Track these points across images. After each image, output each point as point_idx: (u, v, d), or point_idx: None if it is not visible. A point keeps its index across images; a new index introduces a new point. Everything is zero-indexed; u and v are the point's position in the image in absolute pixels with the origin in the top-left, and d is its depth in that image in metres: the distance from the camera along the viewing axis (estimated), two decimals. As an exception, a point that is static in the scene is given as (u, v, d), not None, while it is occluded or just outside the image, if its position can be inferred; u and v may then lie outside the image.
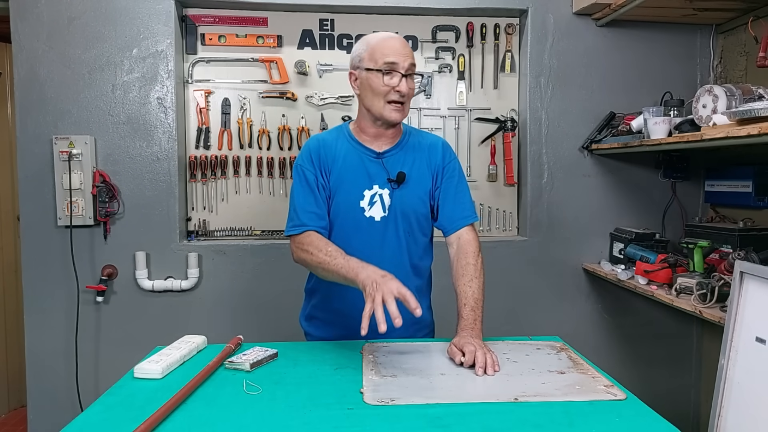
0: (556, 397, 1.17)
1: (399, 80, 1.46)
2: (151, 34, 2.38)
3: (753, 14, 2.23)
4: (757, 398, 1.60)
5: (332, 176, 1.52)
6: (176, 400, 1.11)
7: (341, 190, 1.52)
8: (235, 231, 2.55)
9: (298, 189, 1.52)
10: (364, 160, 1.53)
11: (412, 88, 1.50)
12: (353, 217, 1.52)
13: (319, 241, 1.44)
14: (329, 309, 1.61)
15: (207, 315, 2.46)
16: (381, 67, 1.45)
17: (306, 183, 1.51)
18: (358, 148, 1.55)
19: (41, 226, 2.36)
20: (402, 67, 1.46)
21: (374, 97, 1.48)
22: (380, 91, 1.46)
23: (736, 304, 1.68)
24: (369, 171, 1.52)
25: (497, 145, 2.64)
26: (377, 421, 1.06)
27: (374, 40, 1.50)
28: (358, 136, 1.56)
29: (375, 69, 1.46)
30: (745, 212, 2.34)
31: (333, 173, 1.52)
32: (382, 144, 1.55)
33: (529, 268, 2.58)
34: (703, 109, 1.87)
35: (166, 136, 2.41)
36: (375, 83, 1.47)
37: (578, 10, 2.48)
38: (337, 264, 1.36)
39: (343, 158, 1.53)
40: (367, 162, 1.53)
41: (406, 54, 1.47)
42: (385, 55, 1.45)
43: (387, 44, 1.47)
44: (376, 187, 1.52)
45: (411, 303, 1.22)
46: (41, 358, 2.41)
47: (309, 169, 1.51)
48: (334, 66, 2.54)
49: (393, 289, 1.22)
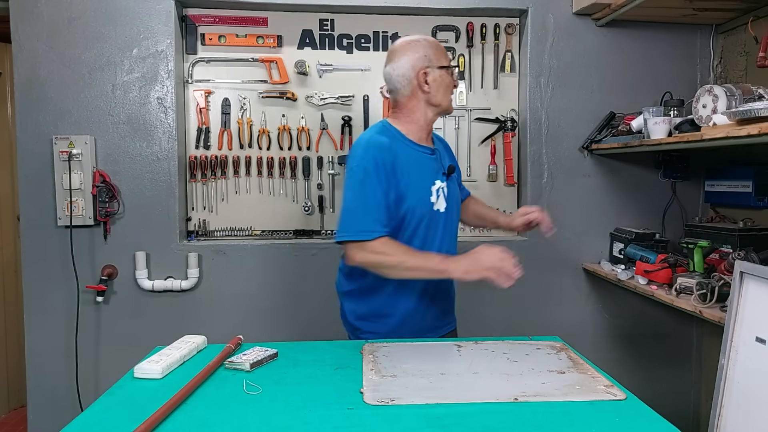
0: (556, 397, 1.17)
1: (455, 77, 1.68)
2: (151, 34, 2.38)
3: (753, 14, 2.23)
4: (757, 398, 1.60)
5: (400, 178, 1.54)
6: (176, 400, 1.11)
7: (411, 190, 1.56)
8: (235, 231, 2.55)
9: (364, 193, 1.50)
10: (422, 158, 1.62)
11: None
12: (428, 213, 1.60)
13: (394, 243, 1.51)
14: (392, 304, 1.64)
15: (207, 315, 2.46)
16: (446, 63, 1.62)
17: (373, 187, 1.50)
18: (414, 147, 1.62)
19: (41, 226, 2.36)
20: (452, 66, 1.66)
21: (446, 91, 1.63)
22: (449, 85, 1.63)
23: (736, 304, 1.68)
24: (430, 167, 1.63)
25: (497, 145, 2.64)
26: (377, 421, 1.06)
27: (431, 41, 1.64)
28: (410, 136, 1.62)
29: (446, 66, 1.62)
30: (745, 212, 2.34)
31: (399, 175, 1.54)
32: (428, 141, 1.68)
33: (529, 268, 2.56)
34: (703, 109, 1.87)
35: (166, 136, 2.41)
36: (448, 80, 1.62)
37: (578, 10, 2.48)
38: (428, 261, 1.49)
39: (405, 159, 1.56)
40: (425, 159, 1.63)
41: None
42: (444, 54, 1.64)
43: (440, 45, 1.65)
44: (438, 182, 1.63)
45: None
46: (41, 358, 2.41)
47: (374, 173, 1.50)
48: (334, 66, 2.54)
49: (508, 263, 1.42)
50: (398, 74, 1.60)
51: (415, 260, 1.48)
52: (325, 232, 2.60)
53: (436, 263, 1.48)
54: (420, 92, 1.60)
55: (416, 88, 1.60)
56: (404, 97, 1.62)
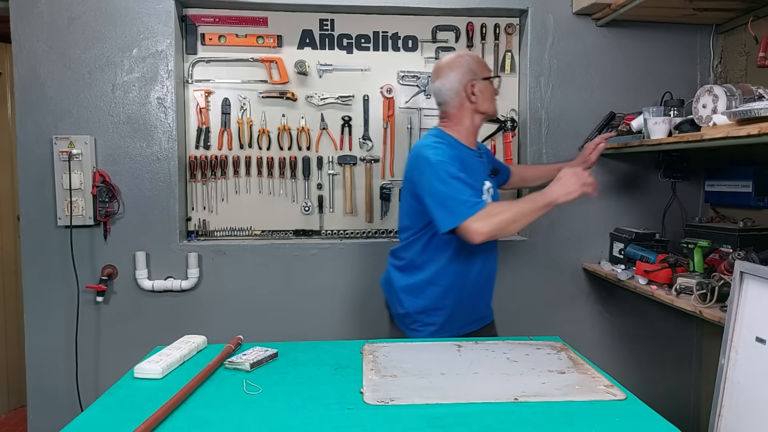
0: (556, 397, 1.17)
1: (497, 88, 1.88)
2: (151, 34, 2.38)
3: (753, 14, 2.23)
4: (757, 398, 1.60)
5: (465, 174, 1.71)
6: (176, 400, 1.11)
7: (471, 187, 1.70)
8: (235, 231, 2.55)
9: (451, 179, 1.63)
10: (474, 160, 1.82)
11: None
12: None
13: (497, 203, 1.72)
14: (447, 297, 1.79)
15: (207, 315, 2.46)
16: (491, 75, 1.83)
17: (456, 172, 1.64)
18: (467, 151, 1.82)
19: (41, 226, 2.36)
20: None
21: (491, 100, 1.83)
22: (494, 94, 1.84)
23: (736, 304, 1.68)
24: (480, 169, 1.84)
25: (497, 145, 2.64)
26: (377, 421, 1.06)
27: (473, 56, 1.86)
28: (462, 141, 1.82)
29: (489, 78, 1.82)
30: (745, 212, 2.34)
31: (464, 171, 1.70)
32: (475, 146, 1.88)
33: (529, 268, 2.58)
34: (703, 109, 1.87)
35: (166, 136, 2.41)
36: (491, 89, 1.83)
37: (578, 10, 2.48)
38: (531, 202, 1.66)
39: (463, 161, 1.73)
40: (476, 161, 1.83)
41: None
42: (486, 66, 1.85)
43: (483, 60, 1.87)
44: (487, 183, 1.83)
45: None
46: (41, 358, 2.41)
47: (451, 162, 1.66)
48: (334, 66, 2.54)
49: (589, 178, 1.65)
50: (447, 88, 1.80)
51: (525, 205, 1.64)
52: (324, 232, 2.60)
53: (540, 200, 1.64)
54: (468, 102, 1.80)
55: (464, 99, 1.80)
56: (454, 108, 1.81)
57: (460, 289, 1.79)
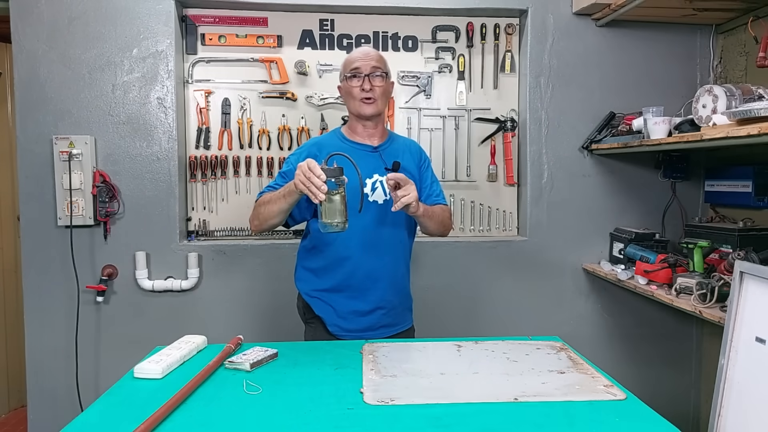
0: (556, 397, 1.17)
1: (362, 80, 1.73)
2: (151, 34, 2.38)
3: (753, 14, 2.23)
4: (757, 398, 1.60)
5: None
6: (176, 400, 1.11)
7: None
8: (235, 231, 2.55)
9: (277, 177, 1.75)
10: (359, 154, 1.73)
11: (377, 85, 1.75)
12: (357, 202, 1.68)
13: (265, 194, 1.70)
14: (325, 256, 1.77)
15: (207, 315, 2.46)
16: (349, 73, 1.75)
17: (283, 172, 1.73)
18: (351, 144, 1.79)
19: (41, 226, 2.36)
20: (364, 70, 1.74)
21: (351, 99, 1.77)
22: (353, 93, 1.75)
23: (736, 304, 1.68)
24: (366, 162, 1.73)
25: (497, 145, 2.64)
26: (377, 421, 1.06)
27: (349, 55, 1.82)
28: (351, 137, 1.82)
29: (347, 76, 1.76)
30: (745, 212, 2.34)
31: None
32: (375, 141, 1.81)
33: (529, 268, 2.58)
34: (703, 109, 1.87)
35: (166, 136, 2.41)
36: (347, 88, 1.76)
37: (578, 10, 2.48)
38: (276, 193, 1.62)
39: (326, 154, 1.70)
40: (362, 155, 1.74)
41: (367, 58, 1.76)
42: (350, 64, 1.77)
43: (353, 55, 1.80)
44: (376, 176, 1.75)
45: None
46: (41, 358, 2.41)
47: (292, 163, 1.72)
48: (334, 66, 2.54)
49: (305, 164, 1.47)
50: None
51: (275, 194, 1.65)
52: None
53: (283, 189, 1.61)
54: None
55: (343, 99, 1.85)
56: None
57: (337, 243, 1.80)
